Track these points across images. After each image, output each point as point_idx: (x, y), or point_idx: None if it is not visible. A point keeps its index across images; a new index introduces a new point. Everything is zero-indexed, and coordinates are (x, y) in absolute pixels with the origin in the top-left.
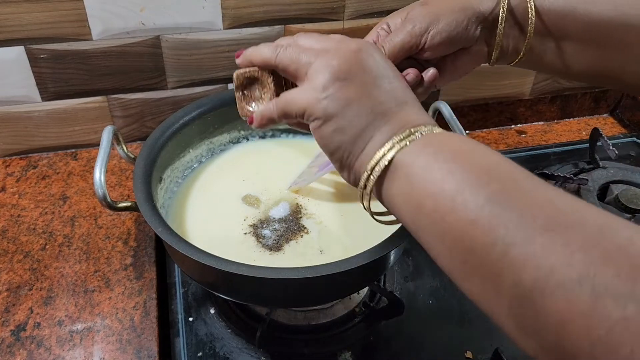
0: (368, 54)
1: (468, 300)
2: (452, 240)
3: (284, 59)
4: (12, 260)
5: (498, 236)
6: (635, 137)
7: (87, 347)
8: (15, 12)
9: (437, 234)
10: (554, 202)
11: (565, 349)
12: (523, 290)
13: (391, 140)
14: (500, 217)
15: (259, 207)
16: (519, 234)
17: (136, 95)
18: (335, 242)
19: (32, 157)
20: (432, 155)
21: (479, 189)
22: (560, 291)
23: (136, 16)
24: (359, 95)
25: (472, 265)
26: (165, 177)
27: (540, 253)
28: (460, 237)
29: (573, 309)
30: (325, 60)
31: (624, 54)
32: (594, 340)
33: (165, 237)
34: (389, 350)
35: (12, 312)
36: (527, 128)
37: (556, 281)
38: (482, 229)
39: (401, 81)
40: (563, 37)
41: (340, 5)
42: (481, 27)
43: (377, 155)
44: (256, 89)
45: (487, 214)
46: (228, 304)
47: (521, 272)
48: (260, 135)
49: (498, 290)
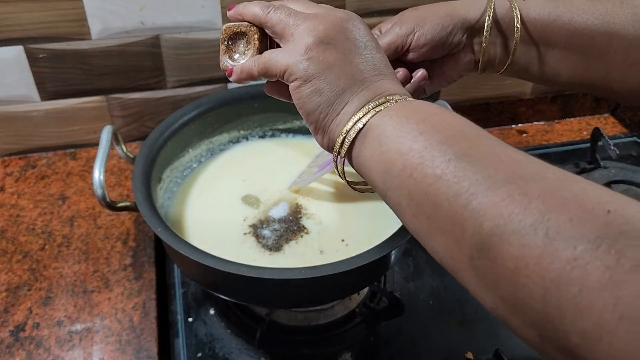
0: (353, 24)
1: (468, 300)
2: (418, 196)
3: (273, 17)
4: (11, 261)
5: (462, 188)
6: (636, 137)
7: (86, 348)
8: (15, 12)
9: (405, 192)
10: (517, 159)
11: (520, 298)
12: (482, 238)
13: (367, 106)
14: (465, 171)
15: (258, 207)
16: (481, 186)
17: (135, 94)
18: (335, 243)
19: (31, 157)
20: (404, 119)
21: (446, 147)
22: (516, 237)
23: (135, 15)
24: (340, 60)
25: (436, 219)
26: (164, 177)
27: (500, 202)
28: (426, 192)
29: (527, 253)
30: (312, 24)
31: (608, 61)
32: (546, 284)
33: (165, 237)
34: (389, 351)
35: (11, 313)
36: (528, 128)
37: (512, 228)
38: (448, 183)
39: (382, 54)
40: (548, 45)
41: (340, 5)
42: (467, 34)
43: (353, 119)
44: (241, 44)
45: (453, 169)
46: (228, 305)
47: (481, 220)
48: (260, 135)
49: (460, 242)
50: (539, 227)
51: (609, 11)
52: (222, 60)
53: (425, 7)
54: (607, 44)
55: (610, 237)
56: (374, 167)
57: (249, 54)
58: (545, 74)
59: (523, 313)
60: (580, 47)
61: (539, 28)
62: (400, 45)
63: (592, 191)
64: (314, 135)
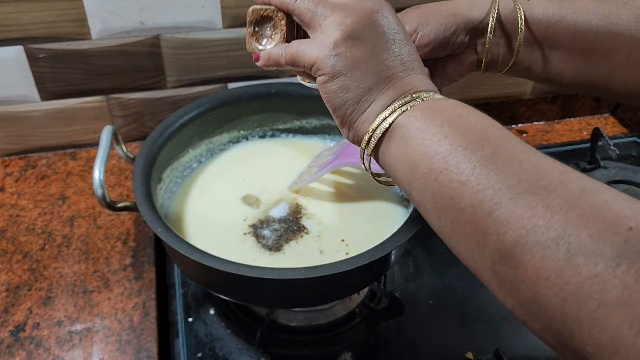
0: (382, 15)
1: (468, 300)
2: (443, 199)
3: (301, 6)
4: (11, 261)
5: (486, 196)
6: (636, 137)
7: (86, 348)
8: (14, 12)
9: (429, 194)
10: (540, 167)
11: (539, 305)
12: (505, 246)
13: (393, 105)
14: (488, 178)
15: (258, 207)
16: (505, 196)
17: (135, 94)
18: (335, 243)
19: (31, 157)
20: (430, 120)
21: (471, 153)
22: (538, 249)
23: (135, 15)
24: (367, 57)
25: (460, 223)
26: (164, 177)
27: (523, 214)
28: (451, 196)
29: (548, 265)
30: (340, 17)
31: (612, 62)
32: (565, 296)
33: (165, 237)
34: (389, 351)
35: (11, 313)
36: (528, 128)
37: (535, 240)
38: (472, 189)
39: (410, 46)
40: (552, 46)
41: None
42: (470, 35)
43: (379, 118)
44: (268, 27)
45: (477, 176)
46: (228, 305)
47: (505, 230)
48: (260, 135)
49: (482, 247)
50: (561, 242)
51: (613, 12)
52: (249, 43)
53: (429, 6)
54: (611, 44)
55: (630, 256)
56: (399, 166)
57: (276, 39)
58: (549, 74)
59: (541, 319)
60: (583, 47)
61: (543, 29)
62: None
63: (614, 204)
64: (340, 128)
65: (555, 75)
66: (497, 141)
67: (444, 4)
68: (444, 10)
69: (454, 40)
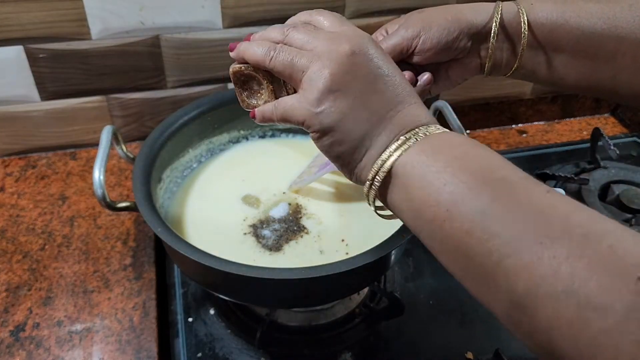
0: (362, 54)
1: (469, 300)
2: (450, 246)
3: (277, 65)
4: (11, 261)
5: (493, 246)
6: (636, 137)
7: (86, 348)
8: (14, 12)
9: (437, 240)
10: (543, 210)
11: (555, 351)
12: (517, 296)
13: (388, 150)
14: (493, 228)
15: (258, 207)
16: (510, 247)
17: (135, 94)
18: (335, 243)
19: (31, 157)
20: (426, 166)
21: (471, 201)
22: (549, 301)
23: (135, 15)
24: (354, 106)
25: (470, 269)
26: (164, 177)
27: (531, 265)
28: (457, 245)
29: (560, 317)
30: (318, 69)
31: (616, 65)
32: (580, 347)
33: (165, 237)
34: (389, 351)
35: (11, 313)
36: (528, 128)
37: (545, 291)
38: (477, 239)
39: (398, 76)
40: (555, 49)
41: (340, 5)
42: (473, 39)
43: (376, 166)
44: (254, 84)
45: (481, 226)
46: (228, 305)
47: (515, 280)
48: (260, 135)
49: (495, 293)
50: (569, 294)
51: (617, 15)
52: (241, 100)
53: (432, 10)
54: (615, 47)
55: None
56: (404, 211)
57: (264, 94)
58: (553, 78)
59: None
60: (588, 50)
61: (547, 32)
62: (405, 48)
63: (620, 249)
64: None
65: (559, 78)
66: (498, 182)
67: (448, 9)
68: (447, 15)
69: (457, 45)
